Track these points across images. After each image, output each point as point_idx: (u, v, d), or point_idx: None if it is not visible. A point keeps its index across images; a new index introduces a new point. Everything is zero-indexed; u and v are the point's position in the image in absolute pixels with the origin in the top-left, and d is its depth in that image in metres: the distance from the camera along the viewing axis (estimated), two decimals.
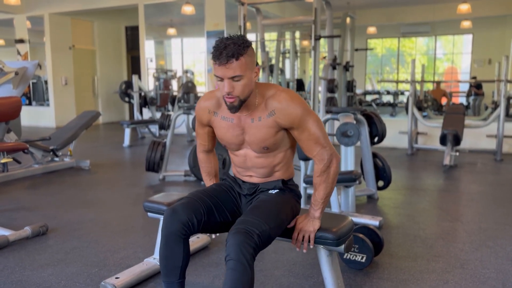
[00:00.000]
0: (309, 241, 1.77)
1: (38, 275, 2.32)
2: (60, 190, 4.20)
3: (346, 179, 3.05)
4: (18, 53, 10.15)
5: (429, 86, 10.82)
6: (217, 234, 1.95)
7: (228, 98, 1.63)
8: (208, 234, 2.20)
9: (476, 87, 10.07)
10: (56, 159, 5.12)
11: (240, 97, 1.62)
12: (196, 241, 2.64)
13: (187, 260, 1.70)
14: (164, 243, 1.67)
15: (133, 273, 2.22)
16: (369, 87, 12.95)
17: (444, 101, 9.89)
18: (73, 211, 3.49)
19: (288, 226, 1.84)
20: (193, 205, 1.70)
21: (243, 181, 1.87)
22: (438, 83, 10.49)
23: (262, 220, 1.61)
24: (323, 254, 1.84)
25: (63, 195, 4.02)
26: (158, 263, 2.31)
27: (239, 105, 1.65)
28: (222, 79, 1.60)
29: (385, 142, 6.56)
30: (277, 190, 1.82)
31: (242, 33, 7.03)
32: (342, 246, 1.81)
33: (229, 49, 1.55)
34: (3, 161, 2.72)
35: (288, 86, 9.29)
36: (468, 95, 10.68)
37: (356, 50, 8.92)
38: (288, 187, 1.84)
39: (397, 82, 9.96)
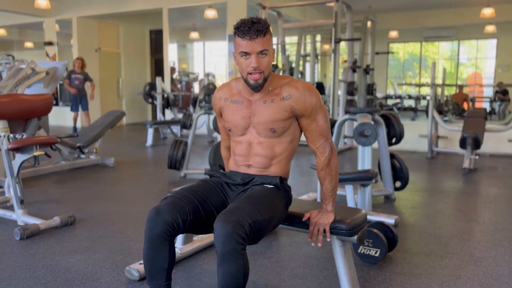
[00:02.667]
0: (324, 233, 1.84)
1: (67, 260, 2.47)
2: (86, 185, 4.38)
3: (363, 178, 3.11)
4: (47, 55, 10.52)
5: (451, 91, 10.72)
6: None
7: (254, 74, 1.69)
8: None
9: (502, 93, 9.92)
10: (82, 156, 5.32)
11: (265, 73, 1.70)
12: None
13: (172, 261, 1.67)
14: (148, 246, 1.63)
15: None
16: (391, 92, 12.89)
17: (466, 106, 9.78)
18: (99, 204, 3.65)
19: (303, 219, 1.92)
20: (178, 205, 1.65)
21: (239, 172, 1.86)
22: (461, 87, 10.38)
23: (255, 209, 1.59)
24: (336, 244, 1.92)
25: (89, 190, 4.19)
26: (180, 252, 2.43)
27: (263, 83, 1.73)
28: (247, 55, 1.67)
29: (405, 146, 6.60)
30: (273, 186, 1.81)
31: None
32: (355, 237, 1.89)
33: (257, 25, 1.64)
34: (35, 153, 2.89)
35: None
36: (493, 100, 10.53)
37: (377, 53, 8.93)
38: (283, 186, 1.84)
39: (417, 85, 9.90)
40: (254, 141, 1.82)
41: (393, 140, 3.91)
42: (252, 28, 1.63)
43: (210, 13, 8.61)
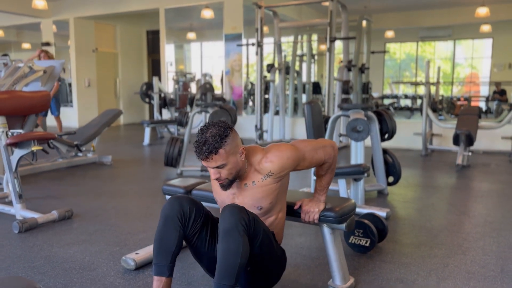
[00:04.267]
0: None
1: (65, 251, 2.52)
2: (84, 182, 4.43)
3: (355, 172, 3.17)
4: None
5: (448, 90, 10.80)
6: None
7: (218, 181, 1.76)
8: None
9: (499, 93, 10.00)
10: (80, 154, 5.37)
11: (229, 178, 1.74)
12: None
13: (179, 249, 1.75)
14: (163, 224, 1.73)
15: (152, 251, 2.39)
16: (388, 92, 12.97)
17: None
18: (96, 200, 3.70)
19: (295, 207, 1.99)
20: (197, 205, 1.79)
21: None
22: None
23: (259, 220, 1.73)
24: (326, 232, 1.98)
25: (86, 186, 4.25)
26: None
27: (229, 184, 1.77)
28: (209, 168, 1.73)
29: (400, 143, 6.68)
30: None
31: (259, 36, 7.21)
32: (344, 224, 1.95)
33: (208, 144, 1.65)
34: (33, 148, 2.94)
35: (304, 88, 9.42)
36: (489, 100, 10.61)
37: (372, 52, 9.00)
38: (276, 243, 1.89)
39: (411, 83, 9.98)
40: None
41: (386, 136, 3.97)
42: (203, 148, 1.66)
43: (207, 13, 8.67)
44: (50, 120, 7.58)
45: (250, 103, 9.06)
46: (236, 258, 1.58)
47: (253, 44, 7.43)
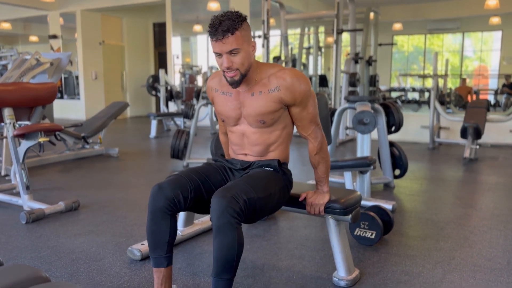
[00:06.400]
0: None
1: (71, 242, 2.54)
2: (91, 174, 4.46)
3: (361, 164, 3.16)
4: (51, 48, 10.60)
5: (456, 83, 10.71)
6: None
7: (228, 73, 1.68)
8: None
9: (509, 87, 9.89)
10: (87, 146, 5.40)
11: (240, 70, 1.68)
12: None
13: (173, 236, 1.72)
14: (151, 219, 1.69)
15: None
16: (395, 85, 12.89)
17: (469, 98, 9.77)
18: (103, 191, 3.72)
19: (299, 199, 1.98)
20: (180, 182, 1.70)
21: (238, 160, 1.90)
22: (464, 80, 10.38)
23: (250, 187, 1.63)
24: (331, 223, 1.98)
25: (93, 178, 4.27)
26: (181, 234, 2.50)
27: (240, 79, 1.70)
28: (220, 55, 1.66)
29: (407, 137, 6.64)
30: (271, 169, 1.84)
31: (266, 28, 7.18)
32: (349, 216, 1.95)
33: (224, 24, 1.60)
34: (40, 140, 2.96)
35: (310, 81, 9.38)
36: (498, 93, 10.50)
37: (380, 45, 8.93)
38: (282, 169, 1.87)
39: (419, 76, 9.91)
40: (247, 131, 1.84)
41: (393, 128, 3.95)
42: (219, 28, 1.61)
43: (213, 5, 8.64)
44: (57, 112, 7.62)
45: None
46: (233, 251, 1.55)
47: (259, 37, 7.40)
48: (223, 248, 1.54)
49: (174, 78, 9.66)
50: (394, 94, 12.19)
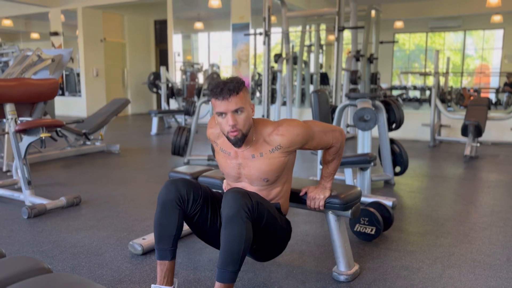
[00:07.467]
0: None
1: (73, 237, 2.56)
2: (92, 170, 4.47)
3: (362, 161, 3.17)
4: (53, 45, 10.60)
5: (457, 81, 10.70)
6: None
7: (232, 132, 1.71)
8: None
9: (511, 86, 9.87)
10: (88, 142, 5.41)
11: (243, 130, 1.72)
12: None
13: (180, 230, 1.74)
14: (160, 211, 1.72)
15: None
16: (396, 83, 12.87)
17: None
18: (104, 187, 3.74)
19: (300, 194, 2.00)
20: (193, 184, 1.77)
21: None
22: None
23: (263, 201, 1.72)
24: (331, 218, 1.99)
25: (94, 174, 4.29)
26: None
27: (242, 139, 1.73)
28: (223, 115, 1.70)
29: (408, 134, 6.64)
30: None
31: (267, 26, 7.18)
32: (349, 211, 1.96)
33: (229, 85, 1.67)
34: (42, 135, 2.97)
35: (311, 79, 9.38)
36: (500, 91, 10.49)
37: (381, 42, 8.93)
38: (282, 215, 1.89)
39: (420, 74, 9.90)
40: (248, 188, 1.86)
41: (393, 125, 3.95)
42: (225, 88, 1.67)
43: (214, 3, 8.64)
44: (58, 109, 7.63)
45: (257, 94, 9.04)
46: (240, 244, 1.58)
47: (260, 34, 7.39)
48: (231, 239, 1.58)
49: (175, 75, 9.67)
50: (395, 92, 12.17)
